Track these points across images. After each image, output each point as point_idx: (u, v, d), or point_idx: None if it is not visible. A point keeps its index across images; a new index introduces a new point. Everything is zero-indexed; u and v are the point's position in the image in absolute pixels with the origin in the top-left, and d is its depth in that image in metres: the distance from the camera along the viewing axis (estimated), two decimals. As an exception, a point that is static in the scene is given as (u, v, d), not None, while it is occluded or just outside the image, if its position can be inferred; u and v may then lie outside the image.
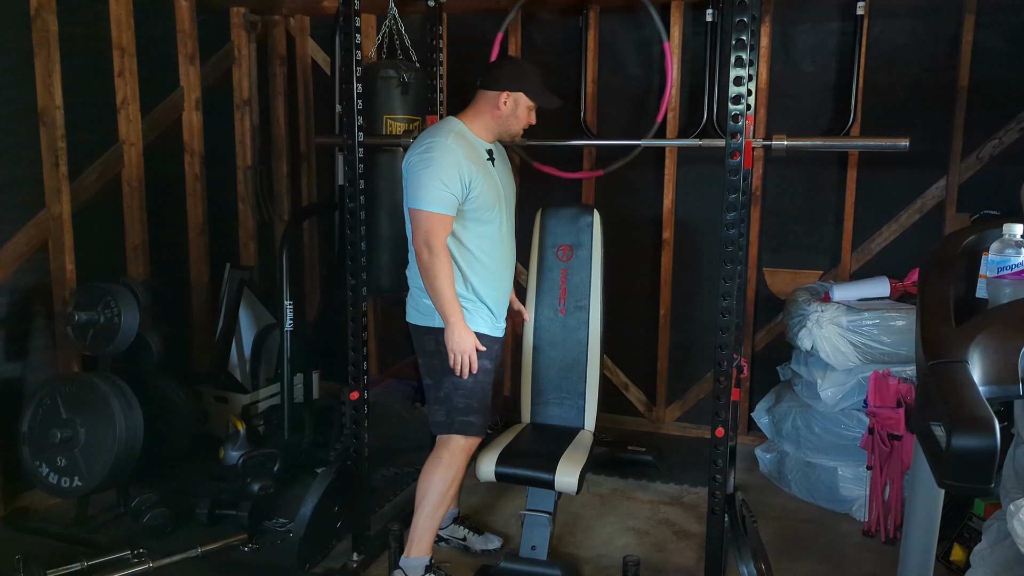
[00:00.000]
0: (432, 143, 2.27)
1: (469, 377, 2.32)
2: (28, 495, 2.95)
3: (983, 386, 1.18)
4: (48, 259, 3.02)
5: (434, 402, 2.40)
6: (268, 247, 4.15)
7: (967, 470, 1.08)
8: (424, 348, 2.42)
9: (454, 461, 2.36)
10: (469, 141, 2.34)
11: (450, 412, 2.36)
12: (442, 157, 2.23)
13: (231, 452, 3.25)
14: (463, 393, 2.35)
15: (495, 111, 2.37)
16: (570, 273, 2.68)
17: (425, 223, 2.22)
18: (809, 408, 3.07)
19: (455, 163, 2.24)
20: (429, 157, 2.24)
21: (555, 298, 2.70)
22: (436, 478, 2.36)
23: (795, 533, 2.85)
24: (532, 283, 2.75)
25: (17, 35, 2.86)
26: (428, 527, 2.37)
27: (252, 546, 2.72)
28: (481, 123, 2.39)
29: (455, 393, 2.35)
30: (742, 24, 2.04)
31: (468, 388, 2.34)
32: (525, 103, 2.39)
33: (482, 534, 2.75)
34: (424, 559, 2.38)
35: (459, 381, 2.33)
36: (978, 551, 1.85)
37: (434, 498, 2.35)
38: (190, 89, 3.64)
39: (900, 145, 2.26)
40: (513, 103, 2.37)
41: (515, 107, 2.37)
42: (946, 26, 3.22)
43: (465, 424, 2.36)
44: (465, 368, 2.29)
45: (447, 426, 2.37)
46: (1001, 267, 1.48)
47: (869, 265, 3.47)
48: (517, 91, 2.36)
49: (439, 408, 2.38)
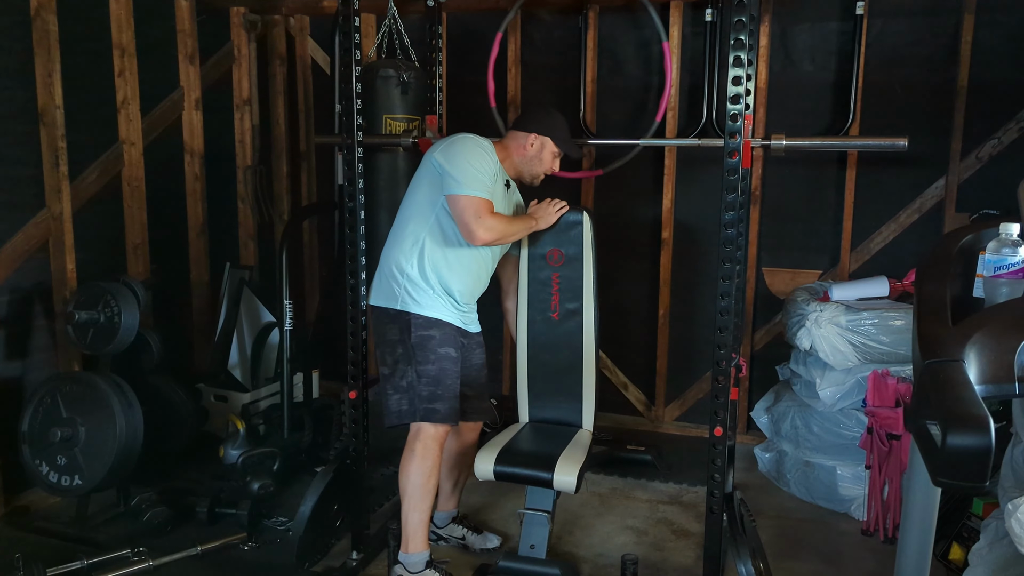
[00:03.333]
0: (470, 140, 2.41)
1: (433, 365, 2.35)
2: (28, 494, 2.95)
3: (979, 385, 1.18)
4: (48, 258, 3.03)
5: (392, 391, 2.40)
6: (268, 246, 4.16)
7: (962, 468, 1.08)
8: (385, 337, 2.43)
9: (428, 451, 2.36)
10: (496, 161, 2.46)
11: (413, 400, 2.36)
12: (481, 153, 2.38)
13: (231, 451, 3.25)
14: (427, 381, 2.36)
15: (522, 150, 2.50)
16: (561, 277, 2.64)
17: (473, 204, 2.29)
18: (808, 408, 3.07)
19: (490, 163, 2.39)
20: (470, 149, 2.37)
21: (547, 303, 2.66)
22: (412, 470, 2.36)
23: (794, 532, 2.85)
24: (523, 288, 2.69)
25: (17, 35, 2.87)
26: (419, 520, 2.37)
27: (252, 545, 2.72)
28: (507, 158, 2.51)
29: (418, 382, 2.36)
30: (741, 24, 2.04)
31: (431, 376, 2.36)
32: (551, 148, 2.52)
33: (481, 533, 2.76)
34: (424, 554, 2.38)
35: (422, 369, 2.35)
36: (976, 550, 1.86)
37: (416, 491, 2.35)
38: (190, 89, 3.65)
39: (899, 145, 2.27)
40: (539, 146, 2.50)
41: (540, 150, 2.51)
42: (946, 26, 3.23)
43: (429, 411, 2.35)
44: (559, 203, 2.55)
45: (410, 414, 2.37)
46: (997, 266, 1.48)
47: (868, 265, 3.47)
48: (545, 136, 2.50)
49: (400, 397, 2.38)
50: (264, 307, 3.84)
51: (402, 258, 2.40)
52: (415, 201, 2.43)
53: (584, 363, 2.65)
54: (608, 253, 3.85)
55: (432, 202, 2.38)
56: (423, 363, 2.36)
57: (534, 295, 2.67)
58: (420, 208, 2.41)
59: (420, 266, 2.38)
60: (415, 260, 2.39)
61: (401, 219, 2.47)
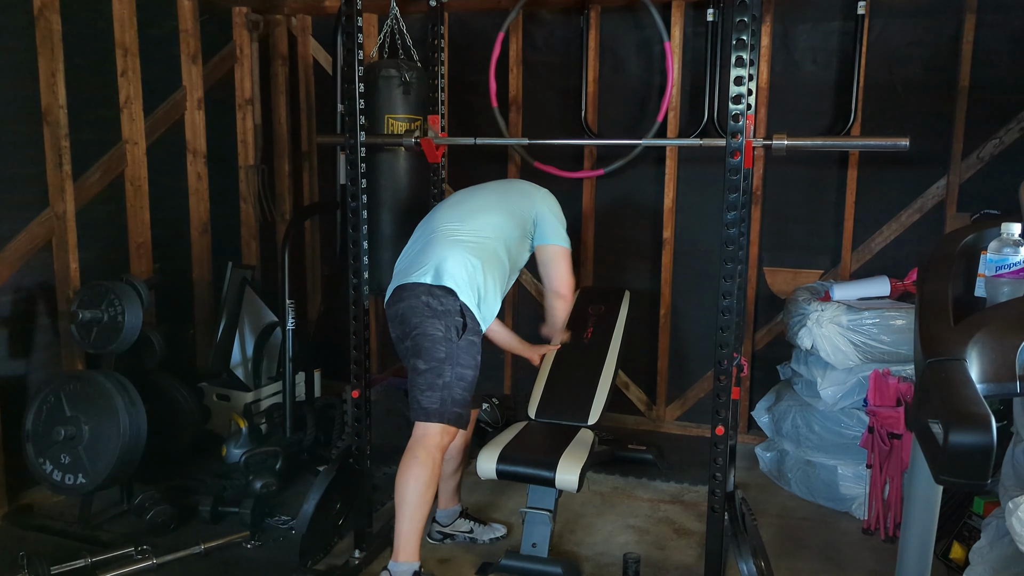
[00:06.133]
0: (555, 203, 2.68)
1: (471, 370, 2.32)
2: (32, 492, 2.97)
3: (980, 384, 1.18)
4: (52, 257, 3.04)
5: (427, 388, 2.29)
6: (270, 246, 4.16)
7: (964, 466, 1.09)
8: (425, 331, 2.31)
9: (430, 458, 2.26)
10: None
11: (445, 401, 2.28)
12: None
13: (233, 450, 3.26)
14: (464, 386, 2.31)
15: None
16: (597, 322, 3.18)
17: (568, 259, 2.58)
18: (809, 407, 3.08)
19: None
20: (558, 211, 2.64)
21: (583, 333, 3.13)
22: (412, 477, 2.24)
23: (795, 531, 2.86)
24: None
25: (21, 35, 2.87)
26: (413, 530, 2.24)
27: (254, 543, 2.73)
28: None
29: (456, 384, 2.29)
30: (743, 24, 2.05)
31: (468, 381, 2.32)
32: None
33: (487, 524, 2.78)
34: (414, 565, 2.24)
35: (462, 372, 2.30)
36: (977, 549, 1.87)
37: (415, 499, 2.23)
38: (192, 88, 3.65)
39: (900, 145, 2.27)
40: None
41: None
42: (947, 26, 3.23)
43: (457, 416, 2.30)
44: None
45: (439, 415, 2.27)
46: (999, 266, 1.49)
47: (869, 264, 3.47)
48: None
49: (433, 395, 2.28)
50: (266, 306, 3.85)
51: (483, 261, 2.38)
52: (501, 223, 2.50)
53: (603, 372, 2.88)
54: (609, 253, 3.87)
55: (523, 235, 2.55)
56: (465, 367, 2.30)
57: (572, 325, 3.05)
58: (508, 231, 2.50)
59: (495, 277, 2.40)
60: (495, 270, 2.41)
61: (481, 224, 2.47)
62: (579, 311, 3.22)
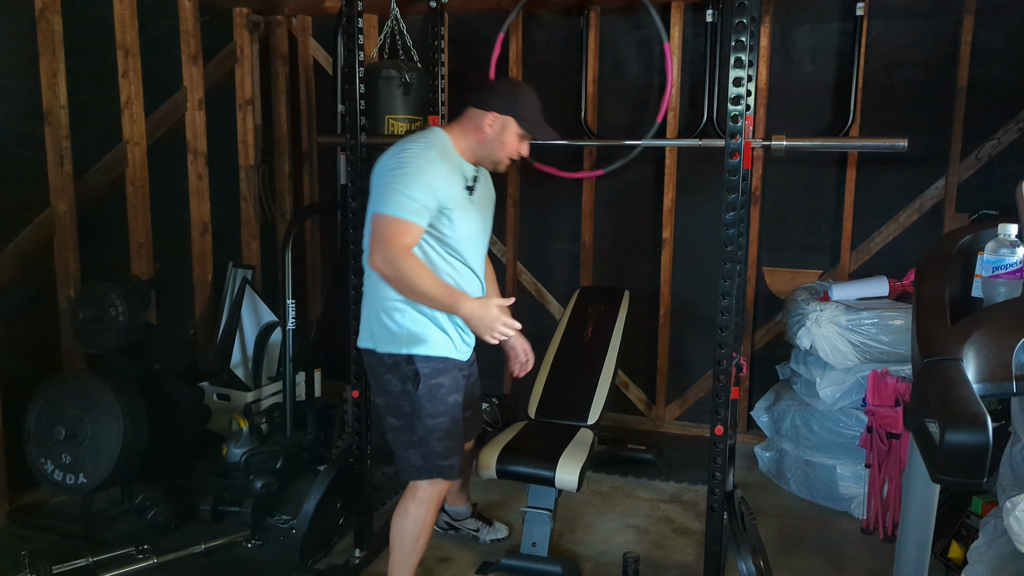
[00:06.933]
0: (413, 151, 2.05)
1: (444, 417, 2.11)
2: (34, 492, 2.97)
3: (977, 384, 1.20)
4: (53, 257, 3.05)
5: (406, 446, 2.14)
6: (271, 246, 4.17)
7: (960, 465, 1.10)
8: (385, 387, 2.14)
9: (420, 511, 2.18)
10: (453, 161, 2.11)
11: (427, 457, 2.12)
12: (420, 168, 2.00)
13: (234, 449, 3.26)
14: (439, 436, 2.12)
15: (479, 132, 2.13)
16: (597, 321, 3.16)
17: (389, 227, 1.98)
18: (808, 407, 3.08)
19: (431, 179, 2.01)
20: (405, 162, 2.01)
21: (583, 331, 3.13)
22: (400, 528, 2.20)
23: (794, 530, 2.86)
24: (564, 320, 3.20)
25: (22, 35, 2.88)
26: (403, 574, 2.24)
27: (255, 542, 2.74)
28: (465, 143, 2.15)
29: (431, 436, 2.11)
30: (742, 25, 2.05)
31: (444, 430, 2.12)
32: (515, 130, 2.14)
33: (492, 525, 2.79)
34: None
35: (434, 423, 2.10)
36: (975, 548, 1.87)
37: (405, 548, 2.20)
38: (193, 89, 3.66)
39: (899, 145, 2.28)
40: (500, 127, 2.13)
41: (501, 132, 2.13)
42: (945, 27, 3.24)
43: (446, 468, 2.15)
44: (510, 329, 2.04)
45: (427, 471, 2.14)
46: (996, 267, 1.50)
47: (868, 265, 3.48)
48: (507, 115, 2.12)
49: (414, 452, 2.13)
50: (266, 306, 3.86)
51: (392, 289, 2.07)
52: None
53: (603, 370, 2.88)
54: (609, 252, 3.88)
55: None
56: (434, 416, 2.11)
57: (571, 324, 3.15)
58: None
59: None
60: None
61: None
62: (579, 311, 3.23)
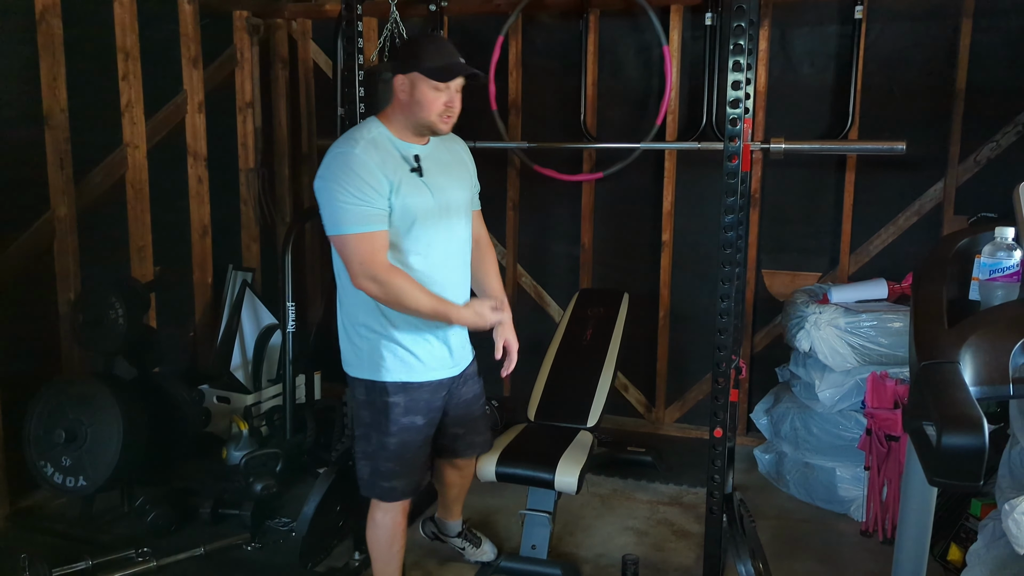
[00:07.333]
0: (337, 157, 1.91)
1: (395, 437, 2.06)
2: (33, 494, 2.97)
3: (974, 387, 1.20)
4: (53, 260, 3.05)
5: (361, 456, 2.14)
6: (271, 249, 4.17)
7: (957, 468, 1.10)
8: (355, 396, 2.14)
9: (387, 519, 2.18)
10: (385, 147, 1.95)
11: (373, 473, 2.12)
12: (351, 173, 1.87)
13: (234, 452, 3.27)
14: (386, 456, 2.08)
15: (397, 102, 1.97)
16: (596, 324, 3.18)
17: (356, 248, 1.89)
18: (807, 409, 3.09)
19: (366, 178, 1.88)
20: (335, 173, 1.89)
21: (583, 335, 3.13)
22: (373, 538, 2.23)
23: (793, 533, 2.87)
24: (563, 322, 3.22)
25: (23, 38, 2.89)
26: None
27: (255, 545, 2.74)
28: (397, 121, 1.99)
29: (379, 453, 2.09)
30: (740, 28, 2.06)
31: (391, 451, 2.07)
32: (424, 84, 1.92)
33: (479, 546, 2.68)
34: None
35: (385, 440, 2.07)
36: (974, 550, 1.87)
37: (381, 557, 2.23)
38: (193, 92, 3.67)
39: (897, 148, 2.29)
40: (409, 86, 1.94)
41: (412, 91, 1.93)
42: (944, 30, 3.24)
43: (387, 490, 2.13)
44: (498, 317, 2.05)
45: (368, 487, 2.15)
46: (993, 270, 1.50)
47: (867, 267, 3.48)
48: (410, 72, 1.93)
49: (364, 464, 2.13)
50: (266, 309, 3.86)
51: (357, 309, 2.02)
52: None
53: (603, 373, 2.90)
54: (608, 255, 3.88)
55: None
56: (385, 433, 2.07)
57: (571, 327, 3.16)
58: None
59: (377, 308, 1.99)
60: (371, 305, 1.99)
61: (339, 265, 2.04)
62: (578, 313, 3.24)
